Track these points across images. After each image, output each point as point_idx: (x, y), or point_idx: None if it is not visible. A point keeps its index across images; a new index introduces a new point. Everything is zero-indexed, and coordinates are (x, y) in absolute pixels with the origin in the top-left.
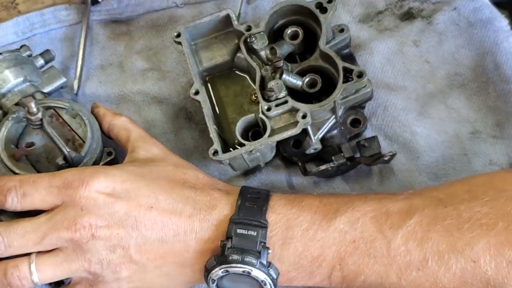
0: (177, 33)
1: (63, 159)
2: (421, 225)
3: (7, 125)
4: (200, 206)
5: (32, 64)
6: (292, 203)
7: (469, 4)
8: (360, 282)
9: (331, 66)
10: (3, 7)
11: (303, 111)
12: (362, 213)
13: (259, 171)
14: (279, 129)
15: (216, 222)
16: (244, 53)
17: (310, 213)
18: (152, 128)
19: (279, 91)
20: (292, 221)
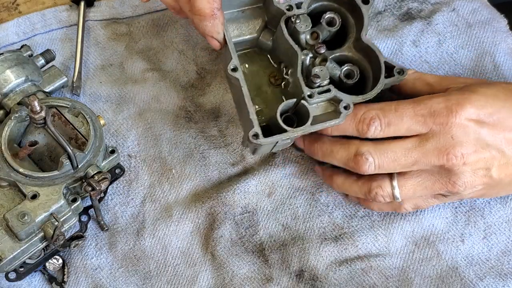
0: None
1: (66, 158)
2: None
3: (10, 124)
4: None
5: (33, 64)
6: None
7: (468, 5)
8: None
9: (366, 59)
10: (4, 7)
11: (346, 102)
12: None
13: (258, 171)
14: (318, 117)
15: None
16: (286, 34)
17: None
18: (152, 128)
19: (324, 78)
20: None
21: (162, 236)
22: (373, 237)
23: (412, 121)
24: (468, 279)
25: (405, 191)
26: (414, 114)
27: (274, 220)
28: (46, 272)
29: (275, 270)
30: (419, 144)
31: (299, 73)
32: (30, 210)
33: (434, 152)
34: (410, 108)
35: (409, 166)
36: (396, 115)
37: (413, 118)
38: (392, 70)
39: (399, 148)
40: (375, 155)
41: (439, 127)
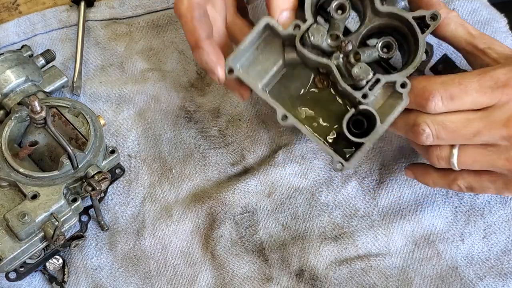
0: (229, 68)
1: (66, 158)
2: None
3: (10, 124)
4: None
5: (33, 64)
6: None
7: (467, 5)
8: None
9: (394, 20)
10: (5, 8)
11: (401, 80)
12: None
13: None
14: (383, 109)
15: None
16: (308, 54)
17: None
18: (152, 128)
19: (366, 74)
20: None
21: (162, 236)
22: (373, 236)
23: (478, 93)
24: (468, 278)
25: (464, 159)
26: (480, 86)
27: (274, 220)
28: (46, 272)
29: (275, 269)
30: (483, 115)
31: (342, 83)
32: (30, 210)
33: (502, 122)
34: (475, 81)
35: (470, 137)
36: (460, 88)
37: (479, 91)
38: (424, 20)
39: (460, 118)
40: (433, 126)
41: (508, 97)
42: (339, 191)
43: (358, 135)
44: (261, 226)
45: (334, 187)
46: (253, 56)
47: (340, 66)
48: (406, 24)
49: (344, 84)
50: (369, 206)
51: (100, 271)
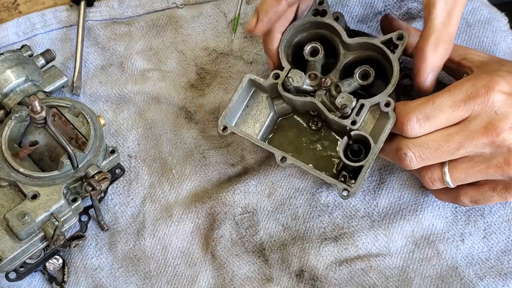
0: (223, 127)
1: (66, 157)
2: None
3: (10, 124)
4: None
5: (33, 64)
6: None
7: (468, 4)
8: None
9: (366, 51)
10: (4, 7)
11: (383, 100)
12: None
13: (258, 172)
14: (374, 131)
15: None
16: (293, 98)
17: None
18: (152, 128)
19: (349, 101)
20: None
21: (162, 236)
22: (373, 237)
23: (452, 109)
24: (468, 278)
25: (456, 175)
26: (452, 102)
27: (274, 220)
28: (46, 272)
29: (275, 270)
30: (461, 127)
31: (329, 115)
32: (31, 210)
33: (481, 131)
34: (446, 98)
35: (454, 151)
36: (434, 107)
37: (453, 106)
38: (392, 42)
39: (441, 135)
40: (414, 149)
41: (480, 106)
42: None
43: (357, 162)
44: (261, 227)
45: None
46: (245, 114)
47: (325, 101)
48: (378, 51)
49: (331, 115)
50: (369, 207)
51: (100, 271)
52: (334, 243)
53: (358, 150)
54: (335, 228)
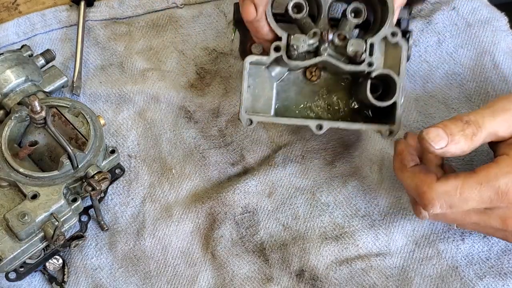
0: (249, 121)
1: (66, 157)
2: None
3: (10, 124)
4: None
5: (33, 64)
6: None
7: (467, 4)
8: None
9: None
10: (4, 7)
11: (389, 32)
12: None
13: (258, 171)
14: (388, 64)
15: None
16: (301, 64)
17: None
18: (152, 128)
19: (360, 46)
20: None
21: (162, 236)
22: (374, 236)
23: (477, 203)
24: (468, 278)
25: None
26: (480, 197)
27: (275, 220)
28: (46, 272)
29: (275, 270)
30: (482, 212)
31: (346, 67)
32: (30, 210)
33: (497, 219)
34: (476, 192)
35: (467, 225)
36: (460, 199)
37: (479, 201)
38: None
39: (460, 213)
40: (430, 214)
41: (506, 203)
42: (340, 191)
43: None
44: (261, 226)
45: (335, 187)
46: (252, 96)
47: (332, 55)
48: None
49: (347, 66)
50: (370, 206)
51: (100, 271)
52: (335, 242)
53: (377, 85)
54: (336, 228)
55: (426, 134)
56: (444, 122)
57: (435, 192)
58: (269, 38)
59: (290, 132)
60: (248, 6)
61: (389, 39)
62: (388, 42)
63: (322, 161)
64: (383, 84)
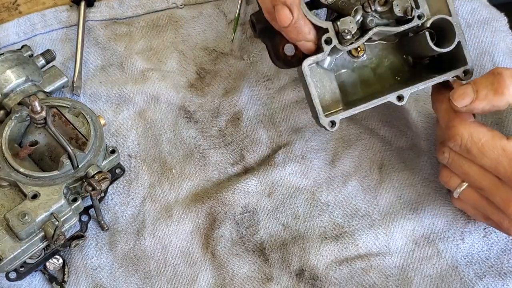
0: (331, 123)
1: (66, 157)
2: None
3: (10, 124)
4: None
5: (33, 64)
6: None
7: (467, 4)
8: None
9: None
10: (5, 8)
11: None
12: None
13: (258, 171)
14: (434, 10)
15: None
16: (359, 45)
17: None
18: (152, 128)
19: (406, 1)
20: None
21: (162, 236)
22: (374, 236)
23: (490, 164)
24: (468, 278)
25: (466, 197)
26: (496, 162)
27: (275, 220)
28: (47, 272)
29: (275, 269)
30: (494, 181)
31: (401, 28)
32: (31, 210)
33: (502, 196)
34: (495, 153)
35: (478, 187)
36: (479, 150)
37: (492, 164)
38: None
39: (477, 170)
40: (451, 158)
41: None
42: (340, 190)
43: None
44: (261, 226)
45: (335, 186)
46: (319, 97)
47: (379, 23)
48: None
49: (401, 28)
50: (370, 206)
51: (100, 271)
52: (335, 242)
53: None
54: (336, 227)
55: (452, 93)
56: (477, 78)
57: (463, 128)
58: (312, 38)
59: (290, 132)
60: (284, 10)
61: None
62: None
63: (322, 161)
64: (436, 33)
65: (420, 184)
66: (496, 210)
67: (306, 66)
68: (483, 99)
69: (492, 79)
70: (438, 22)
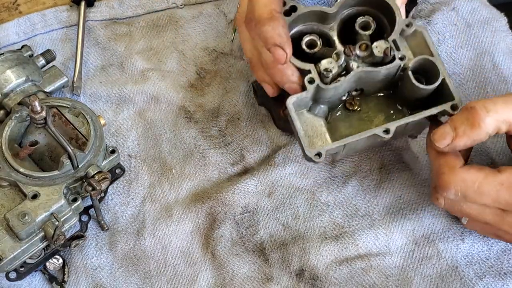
0: (317, 153)
1: (66, 157)
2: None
3: (10, 124)
4: None
5: (33, 64)
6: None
7: (467, 4)
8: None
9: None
10: (5, 8)
11: (404, 24)
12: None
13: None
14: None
15: None
16: (340, 85)
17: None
18: (152, 128)
19: (386, 44)
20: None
21: (162, 236)
22: (374, 236)
23: (492, 202)
24: (468, 278)
25: (471, 226)
26: (497, 197)
27: (275, 220)
28: (47, 272)
29: (275, 269)
30: (498, 213)
31: (383, 69)
32: (31, 210)
33: (510, 223)
34: (494, 190)
35: (477, 225)
36: (476, 192)
37: (495, 201)
38: None
39: (476, 207)
40: (447, 202)
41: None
42: (340, 190)
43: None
44: (261, 226)
45: (335, 186)
46: (307, 137)
47: (370, 66)
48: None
49: (383, 69)
50: (370, 206)
51: (100, 271)
52: (335, 242)
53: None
54: (336, 227)
55: (433, 135)
56: (453, 116)
57: (454, 177)
58: (295, 79)
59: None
60: (278, 50)
61: (407, 32)
62: (407, 35)
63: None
64: (423, 76)
65: (420, 184)
66: (506, 233)
67: (290, 103)
68: (462, 135)
69: (467, 114)
70: (421, 62)
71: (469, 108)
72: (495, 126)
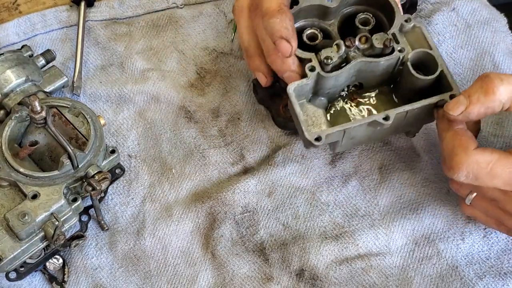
0: (316, 137)
1: (66, 157)
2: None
3: (10, 124)
4: None
5: (33, 64)
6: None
7: (467, 4)
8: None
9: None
10: (5, 7)
11: (403, 19)
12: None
13: (258, 171)
14: (414, 46)
15: None
16: (341, 73)
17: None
18: (152, 128)
19: (385, 36)
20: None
21: (162, 236)
22: (374, 236)
23: (504, 185)
24: (468, 278)
25: (476, 203)
26: (509, 179)
27: (275, 220)
28: (47, 272)
29: (275, 269)
30: (505, 192)
31: (382, 60)
32: (31, 210)
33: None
34: (506, 172)
35: (488, 197)
36: (489, 174)
37: (505, 182)
38: None
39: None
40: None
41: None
42: (340, 190)
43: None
44: (261, 226)
45: (335, 186)
46: (308, 125)
47: (370, 57)
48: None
49: (382, 60)
50: (370, 206)
51: (100, 271)
52: (335, 242)
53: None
54: (336, 227)
55: (447, 106)
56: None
57: (467, 158)
58: (295, 68)
59: (290, 132)
60: (284, 43)
61: (405, 27)
62: (406, 31)
63: (322, 161)
64: (422, 70)
65: (420, 184)
66: (509, 216)
67: (291, 88)
68: (475, 102)
69: (481, 82)
70: (420, 56)
71: (483, 77)
72: (508, 97)
